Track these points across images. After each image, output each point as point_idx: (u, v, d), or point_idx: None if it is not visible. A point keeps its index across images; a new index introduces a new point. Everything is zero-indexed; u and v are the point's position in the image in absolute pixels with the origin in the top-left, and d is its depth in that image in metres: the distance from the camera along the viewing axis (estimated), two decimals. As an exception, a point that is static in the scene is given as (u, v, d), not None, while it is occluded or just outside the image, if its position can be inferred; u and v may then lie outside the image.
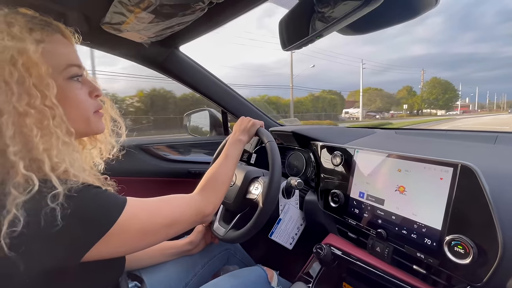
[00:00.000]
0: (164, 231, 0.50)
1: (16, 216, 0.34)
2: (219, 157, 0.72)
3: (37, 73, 0.39)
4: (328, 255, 0.69)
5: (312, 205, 0.85)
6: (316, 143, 0.85)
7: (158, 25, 0.72)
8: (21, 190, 0.36)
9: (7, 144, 0.37)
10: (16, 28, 0.39)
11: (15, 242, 0.34)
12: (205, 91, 1.10)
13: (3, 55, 0.37)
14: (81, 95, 0.48)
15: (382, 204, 0.62)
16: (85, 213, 0.39)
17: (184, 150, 1.28)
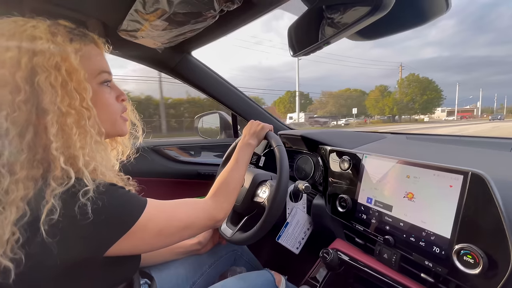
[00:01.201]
0: (179, 234, 0.52)
1: (54, 205, 0.38)
2: (230, 162, 0.73)
3: (77, 78, 0.44)
4: (335, 260, 0.69)
5: (319, 209, 0.85)
6: (325, 147, 0.85)
7: (171, 32, 0.74)
8: (58, 182, 0.40)
9: (51, 140, 0.41)
10: (59, 38, 0.43)
11: (52, 229, 0.37)
12: (216, 95, 1.12)
13: (49, 61, 0.41)
14: (110, 99, 0.52)
15: (390, 211, 0.62)
16: (112, 210, 0.42)
17: (194, 152, 1.31)
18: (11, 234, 0.36)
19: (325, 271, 0.72)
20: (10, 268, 0.36)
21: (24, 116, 0.40)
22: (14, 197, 0.38)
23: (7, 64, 0.39)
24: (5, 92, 0.38)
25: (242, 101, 1.18)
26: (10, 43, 0.40)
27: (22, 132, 0.40)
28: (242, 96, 1.18)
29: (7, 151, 0.38)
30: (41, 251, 0.37)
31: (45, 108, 0.41)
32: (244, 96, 1.18)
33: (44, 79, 0.40)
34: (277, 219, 0.73)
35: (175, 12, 0.64)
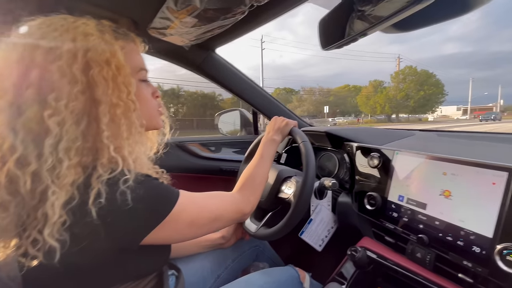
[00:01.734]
0: (209, 225, 0.54)
1: (100, 191, 0.40)
2: (255, 157, 0.74)
3: (124, 73, 0.46)
4: (364, 258, 0.68)
5: (345, 207, 0.84)
6: (351, 144, 0.83)
7: (200, 29, 0.75)
8: (105, 170, 0.42)
9: (103, 129, 0.43)
10: (107, 35, 0.46)
11: (99, 213, 0.39)
12: (239, 92, 1.13)
13: (101, 56, 0.44)
14: (148, 95, 0.55)
15: (424, 209, 0.60)
16: (149, 199, 0.44)
17: (215, 149, 1.33)
18: (59, 216, 0.38)
19: (353, 269, 0.71)
20: (56, 249, 0.38)
21: (80, 106, 0.42)
22: (66, 181, 0.40)
23: (64, 57, 0.41)
24: (64, 83, 0.41)
25: (264, 98, 1.18)
26: (65, 38, 0.42)
27: (78, 121, 0.42)
28: (264, 94, 1.18)
29: (65, 138, 0.40)
30: (89, 233, 0.39)
31: (98, 99, 0.43)
32: (266, 94, 1.18)
33: (97, 73, 0.43)
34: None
35: (206, 8, 0.65)
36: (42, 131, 0.40)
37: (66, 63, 0.41)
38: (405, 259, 0.64)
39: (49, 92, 0.40)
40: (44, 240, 0.38)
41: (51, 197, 0.39)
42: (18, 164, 0.40)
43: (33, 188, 0.40)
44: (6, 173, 0.40)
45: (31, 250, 0.39)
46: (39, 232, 0.39)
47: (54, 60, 0.41)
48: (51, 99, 0.40)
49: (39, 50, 0.41)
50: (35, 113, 0.40)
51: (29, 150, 0.40)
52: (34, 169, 0.40)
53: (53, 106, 0.40)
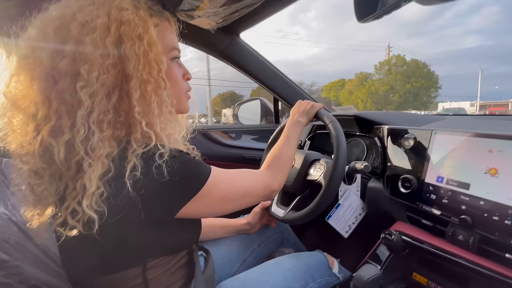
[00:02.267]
0: (239, 201, 0.55)
1: (136, 164, 0.40)
2: (280, 139, 0.73)
3: (155, 50, 0.46)
4: (399, 241, 0.65)
5: (376, 192, 0.81)
6: (382, 127, 0.81)
7: (228, 8, 0.75)
8: (139, 144, 0.43)
9: (134, 104, 0.43)
10: (141, 12, 0.46)
11: (136, 185, 0.39)
12: (262, 79, 1.12)
13: (134, 31, 0.43)
14: (178, 75, 0.54)
15: (467, 189, 0.57)
16: (184, 173, 0.44)
17: (236, 137, 1.32)
18: (96, 187, 0.39)
19: (387, 253, 0.69)
20: (95, 219, 0.38)
21: (112, 79, 0.42)
22: (101, 153, 0.40)
23: (98, 30, 0.41)
24: (96, 55, 0.41)
25: (288, 86, 1.17)
26: (100, 11, 0.42)
27: (109, 94, 0.42)
28: (289, 82, 1.16)
29: (96, 110, 0.41)
30: (126, 204, 0.40)
31: (129, 74, 0.43)
32: (291, 82, 1.16)
33: (129, 47, 0.43)
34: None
35: (237, -15, 0.64)
36: (75, 102, 0.41)
37: (99, 36, 0.41)
38: (445, 243, 0.61)
39: (82, 64, 0.41)
40: (83, 211, 0.39)
41: (88, 169, 0.39)
42: (52, 133, 0.41)
43: (68, 158, 0.40)
44: (41, 141, 0.41)
45: (70, 220, 0.40)
46: (78, 203, 0.40)
47: (88, 33, 0.41)
48: (84, 71, 0.40)
49: (75, 23, 0.41)
50: (69, 84, 0.40)
51: (62, 120, 0.41)
52: (68, 139, 0.40)
53: (85, 78, 0.40)
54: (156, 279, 0.48)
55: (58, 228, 0.41)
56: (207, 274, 0.61)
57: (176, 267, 0.51)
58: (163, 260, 0.49)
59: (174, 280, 0.51)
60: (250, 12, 0.81)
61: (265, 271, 0.71)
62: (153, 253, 0.47)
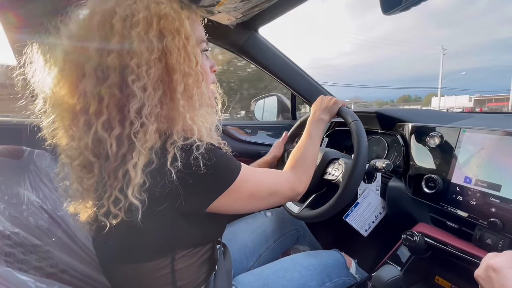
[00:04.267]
0: (266, 199, 0.54)
1: (176, 155, 0.41)
2: (303, 138, 0.72)
3: (192, 43, 0.46)
4: (421, 243, 0.63)
5: (397, 191, 0.79)
6: (406, 124, 0.78)
7: (248, 3, 0.74)
8: (179, 136, 0.44)
9: (179, 98, 0.44)
10: (174, 5, 0.46)
11: (178, 174, 0.41)
12: (280, 74, 1.11)
13: (172, 25, 0.44)
14: (208, 67, 0.55)
15: (498, 191, 0.54)
16: (218, 166, 0.45)
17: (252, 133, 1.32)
18: (140, 177, 0.40)
19: (408, 255, 0.67)
20: (138, 207, 0.40)
21: (158, 73, 0.43)
22: (146, 145, 0.41)
23: (141, 24, 0.42)
24: (143, 49, 0.41)
25: (306, 82, 1.15)
26: (139, 5, 0.43)
27: (156, 88, 0.43)
28: (306, 77, 1.15)
29: (147, 104, 0.42)
30: (168, 193, 0.41)
31: (172, 68, 0.44)
32: (308, 77, 1.15)
33: (170, 41, 0.43)
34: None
35: (259, -21, 0.63)
36: (124, 96, 0.42)
37: (143, 30, 0.42)
38: (472, 246, 0.58)
39: (130, 58, 0.41)
40: (125, 199, 0.40)
41: (133, 159, 0.40)
42: (104, 128, 0.42)
43: (117, 151, 0.42)
44: (93, 135, 0.42)
45: (112, 209, 0.41)
46: (120, 191, 0.41)
47: (132, 27, 0.41)
48: (134, 64, 0.41)
49: (117, 17, 0.42)
50: (118, 78, 0.41)
51: (113, 114, 0.42)
52: (119, 132, 0.42)
53: (136, 71, 0.41)
54: (182, 270, 0.49)
55: (102, 217, 0.42)
56: (225, 268, 0.62)
57: (201, 260, 0.53)
58: (190, 252, 0.50)
59: (198, 272, 0.53)
60: (269, 6, 0.80)
61: (281, 267, 0.71)
62: (182, 244, 0.49)
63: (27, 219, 0.55)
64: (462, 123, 0.72)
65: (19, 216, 0.55)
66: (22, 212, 0.55)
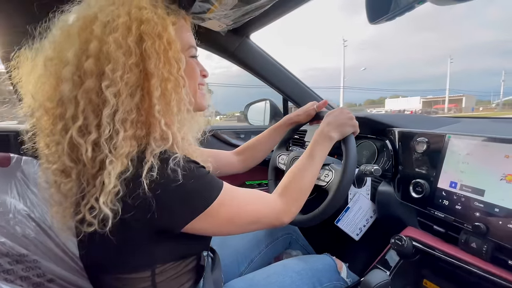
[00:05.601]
0: (246, 226, 0.52)
1: (153, 164, 0.40)
2: (303, 156, 0.65)
3: (175, 48, 0.46)
4: (409, 247, 0.64)
5: (386, 196, 0.80)
6: (394, 129, 0.79)
7: (239, 11, 0.75)
8: (157, 144, 0.43)
9: (155, 103, 0.43)
10: (159, 10, 0.46)
11: (152, 185, 0.40)
12: (271, 80, 1.12)
13: (154, 30, 0.44)
14: (196, 73, 0.55)
15: (481, 195, 0.56)
16: (193, 187, 0.43)
17: (246, 138, 1.33)
18: (113, 185, 0.39)
19: (397, 259, 0.68)
20: (109, 217, 0.39)
21: (134, 78, 0.43)
22: (122, 152, 0.41)
23: (120, 29, 0.42)
24: (119, 54, 0.41)
25: (297, 87, 1.16)
26: (121, 11, 0.43)
27: (132, 93, 0.43)
28: (297, 82, 1.16)
29: (121, 109, 0.41)
30: (141, 204, 0.40)
31: (150, 72, 0.43)
32: (299, 82, 1.16)
33: (150, 45, 0.43)
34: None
35: (248, -12, 0.64)
36: (100, 101, 0.41)
37: (121, 35, 0.42)
38: (457, 250, 0.59)
39: (106, 63, 0.41)
40: (99, 208, 0.39)
41: (109, 167, 0.40)
42: (80, 133, 0.42)
43: (94, 157, 0.41)
44: (69, 140, 0.42)
45: (88, 217, 0.40)
46: (96, 200, 0.40)
47: (110, 32, 0.42)
48: (108, 70, 0.41)
49: (97, 22, 0.42)
50: (94, 83, 0.41)
51: (89, 119, 0.41)
52: (95, 138, 0.41)
53: (110, 77, 0.41)
54: (164, 282, 0.48)
55: (78, 224, 0.42)
56: (215, 275, 0.61)
57: (184, 270, 0.52)
58: (171, 266, 0.49)
59: (182, 282, 0.51)
60: (260, 14, 0.81)
61: (273, 272, 0.71)
62: (161, 260, 0.47)
63: (13, 228, 0.55)
64: (448, 129, 0.74)
65: (5, 225, 0.54)
66: (8, 221, 0.55)
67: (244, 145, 0.89)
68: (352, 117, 0.70)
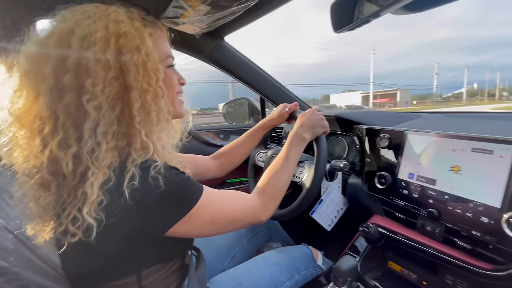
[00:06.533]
0: (227, 226, 0.54)
1: (134, 174, 0.42)
2: (279, 157, 0.69)
3: (153, 60, 0.47)
4: (375, 233, 0.71)
5: (355, 188, 0.87)
6: (361, 126, 0.86)
7: (212, 16, 0.77)
8: (138, 154, 0.45)
9: (135, 114, 0.45)
10: (136, 23, 0.47)
11: (133, 193, 0.41)
12: (247, 80, 1.15)
13: (132, 43, 0.45)
14: (174, 82, 0.56)
15: (433, 184, 0.63)
16: (175, 192, 0.45)
17: (225, 137, 1.36)
18: (96, 196, 0.41)
19: (365, 244, 0.75)
20: (93, 226, 0.40)
21: (115, 91, 0.44)
22: (104, 163, 0.42)
23: (98, 43, 0.42)
24: (99, 68, 0.42)
25: (273, 86, 1.20)
26: (98, 25, 0.43)
27: (113, 106, 0.44)
28: (273, 81, 1.20)
29: (102, 122, 0.42)
30: (122, 212, 0.41)
31: (130, 85, 0.44)
32: (275, 81, 1.20)
33: (129, 59, 0.44)
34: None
35: (220, -5, 0.66)
36: (80, 115, 0.42)
37: (100, 49, 0.42)
38: (416, 233, 0.67)
39: (86, 78, 0.42)
40: (83, 218, 0.40)
41: (91, 178, 0.41)
42: (60, 147, 0.42)
43: (74, 169, 0.42)
44: (48, 154, 0.42)
45: (71, 228, 0.41)
46: (78, 210, 0.41)
47: (89, 46, 0.42)
48: (88, 84, 0.42)
49: (75, 37, 0.42)
50: (74, 97, 0.42)
51: (69, 133, 0.42)
52: (75, 151, 0.42)
53: (91, 91, 0.42)
54: (151, 284, 0.50)
55: (60, 236, 0.43)
56: (199, 273, 0.64)
57: (170, 271, 0.54)
58: (156, 268, 0.51)
59: (168, 283, 0.54)
60: (234, 18, 0.83)
61: (253, 265, 0.76)
62: (145, 264, 0.49)
63: (-10, 241, 0.54)
64: (407, 125, 0.82)
65: (-19, 239, 0.53)
66: (-16, 234, 0.54)
67: (221, 150, 0.91)
68: (322, 118, 0.76)
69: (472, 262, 0.56)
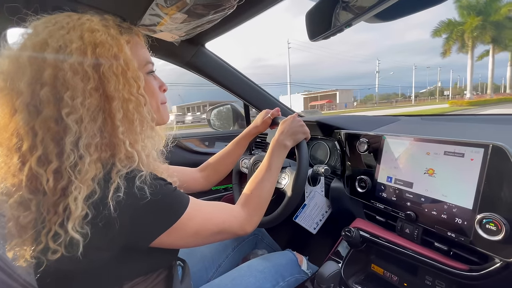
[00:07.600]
0: (213, 237, 0.54)
1: (119, 184, 0.41)
2: (262, 167, 0.70)
3: (133, 67, 0.46)
4: (357, 237, 0.72)
5: (338, 191, 0.88)
6: (341, 131, 0.87)
7: (189, 24, 0.76)
8: (123, 164, 0.43)
9: (118, 125, 0.43)
10: (112, 30, 0.46)
11: (119, 204, 0.40)
12: (230, 86, 1.14)
13: (109, 52, 0.43)
14: (156, 88, 0.55)
15: (410, 187, 0.64)
16: (160, 203, 0.44)
17: (209, 144, 1.34)
18: (81, 210, 0.39)
19: (348, 249, 0.75)
20: (79, 241, 0.38)
21: (95, 103, 0.42)
22: (87, 176, 0.40)
23: (74, 55, 0.41)
24: (77, 80, 0.41)
25: (254, 91, 1.20)
26: (73, 35, 0.42)
27: (94, 118, 0.42)
28: (254, 86, 1.20)
29: (84, 135, 0.41)
30: (108, 224, 0.40)
31: (111, 95, 0.43)
32: (256, 86, 1.20)
33: (108, 68, 0.43)
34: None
35: (196, 3, 0.66)
36: (60, 129, 0.40)
37: (77, 61, 0.41)
38: (396, 236, 0.68)
39: (64, 91, 0.40)
40: (65, 233, 0.39)
41: (74, 192, 0.39)
42: (40, 163, 0.40)
43: (55, 185, 0.40)
44: (27, 172, 0.40)
45: (51, 245, 0.40)
46: (60, 226, 0.39)
47: (65, 59, 0.41)
48: (67, 97, 0.40)
49: (49, 49, 0.41)
50: (52, 111, 0.40)
51: (49, 148, 0.40)
52: (56, 166, 0.40)
53: (70, 104, 0.40)
54: None
55: (40, 254, 0.41)
56: (184, 284, 0.62)
57: (154, 283, 0.53)
58: (140, 280, 0.50)
59: None
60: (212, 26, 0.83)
61: (238, 274, 0.75)
62: (128, 276, 0.48)
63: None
64: (385, 129, 0.83)
65: None
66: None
67: (207, 162, 0.90)
68: (303, 124, 0.77)
69: (449, 263, 0.57)
